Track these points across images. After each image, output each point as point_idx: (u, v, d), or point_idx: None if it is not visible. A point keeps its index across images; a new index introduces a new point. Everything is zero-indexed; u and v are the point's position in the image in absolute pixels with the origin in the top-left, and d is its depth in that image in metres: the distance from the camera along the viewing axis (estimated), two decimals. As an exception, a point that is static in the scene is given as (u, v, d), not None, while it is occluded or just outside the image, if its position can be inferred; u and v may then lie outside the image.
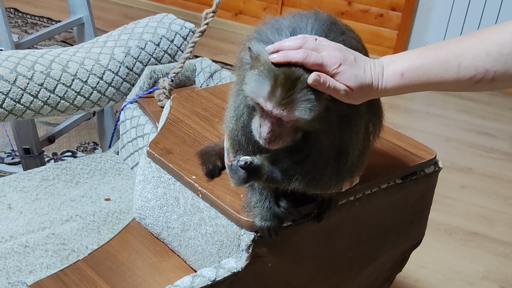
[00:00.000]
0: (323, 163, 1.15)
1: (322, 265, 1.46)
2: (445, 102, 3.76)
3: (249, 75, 1.06)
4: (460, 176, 3.04)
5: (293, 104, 1.02)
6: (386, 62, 1.10)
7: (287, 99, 1.02)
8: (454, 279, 2.37)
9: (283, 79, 1.02)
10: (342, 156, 1.16)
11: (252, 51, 1.06)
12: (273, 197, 1.25)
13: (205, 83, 2.00)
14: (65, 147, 2.86)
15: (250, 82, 1.06)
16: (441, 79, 1.05)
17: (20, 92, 1.80)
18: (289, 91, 1.02)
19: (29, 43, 2.27)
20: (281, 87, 1.02)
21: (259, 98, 1.04)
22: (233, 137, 1.25)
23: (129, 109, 1.95)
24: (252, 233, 1.25)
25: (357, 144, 1.17)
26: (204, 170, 1.41)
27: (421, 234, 1.68)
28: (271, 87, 1.02)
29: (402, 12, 3.95)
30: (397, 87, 1.08)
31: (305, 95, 1.02)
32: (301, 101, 1.02)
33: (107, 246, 1.50)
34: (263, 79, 1.03)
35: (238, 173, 1.15)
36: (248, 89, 1.06)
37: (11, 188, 1.77)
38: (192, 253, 1.41)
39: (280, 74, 1.02)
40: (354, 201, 1.41)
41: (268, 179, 1.17)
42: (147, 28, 2.06)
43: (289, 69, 1.02)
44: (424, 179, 1.54)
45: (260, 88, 1.03)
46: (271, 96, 1.02)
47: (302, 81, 1.02)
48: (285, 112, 1.03)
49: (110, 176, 1.89)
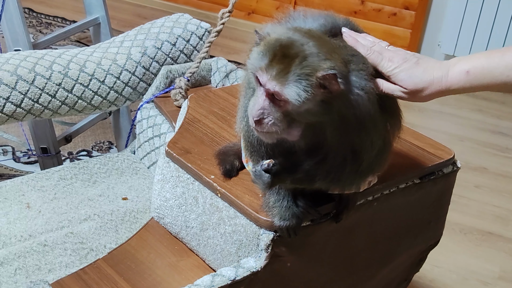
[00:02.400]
0: (340, 162, 1.16)
1: (340, 265, 1.46)
2: (459, 101, 3.75)
3: (253, 51, 1.10)
4: (474, 175, 3.03)
5: (285, 81, 1.04)
6: (453, 62, 1.14)
7: (281, 74, 1.04)
8: (469, 279, 2.36)
9: (281, 57, 1.05)
10: (357, 156, 1.16)
11: (260, 33, 1.11)
12: (291, 197, 1.26)
13: (221, 82, 2.01)
14: (80, 146, 2.87)
15: (252, 56, 1.10)
16: (507, 78, 1.07)
17: (39, 92, 1.81)
18: (285, 68, 1.04)
19: (46, 43, 2.28)
20: (278, 64, 1.05)
21: (257, 70, 1.08)
22: (245, 138, 1.27)
23: (146, 108, 1.96)
24: (271, 232, 1.26)
25: (371, 144, 1.17)
26: (221, 170, 1.42)
27: (439, 234, 1.67)
28: (269, 60, 1.06)
29: (416, 11, 3.94)
30: (462, 85, 1.11)
31: (298, 77, 1.04)
32: (294, 82, 1.04)
33: (126, 245, 1.51)
34: (264, 54, 1.07)
35: (263, 178, 1.16)
36: (249, 62, 1.10)
37: (29, 187, 1.78)
38: (211, 252, 1.42)
39: (280, 51, 1.06)
40: (372, 201, 1.41)
41: (293, 181, 1.18)
42: (163, 28, 2.06)
43: (290, 49, 1.06)
44: (442, 179, 1.54)
45: (260, 60, 1.07)
46: (268, 68, 1.06)
47: (298, 63, 1.05)
48: (277, 87, 1.05)
49: (127, 175, 1.90)
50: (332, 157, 1.15)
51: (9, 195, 1.74)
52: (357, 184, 1.23)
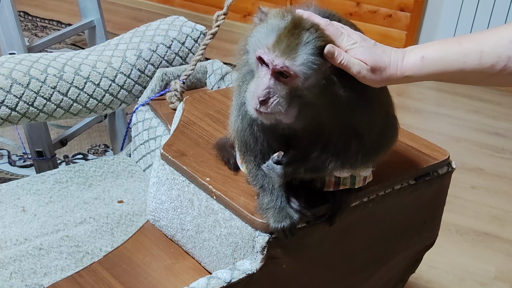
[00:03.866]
0: (345, 143, 1.16)
1: (336, 266, 1.46)
2: (455, 102, 3.76)
3: (255, 29, 1.08)
4: (470, 176, 3.04)
5: (296, 54, 1.03)
6: (409, 49, 1.12)
7: (292, 47, 1.03)
8: (466, 280, 2.37)
9: (291, 29, 1.03)
10: (359, 135, 1.16)
11: (262, 10, 1.08)
12: (285, 197, 1.26)
13: (217, 85, 2.01)
14: (76, 149, 2.87)
15: (255, 34, 1.07)
16: (463, 65, 1.05)
17: (33, 95, 1.81)
18: (295, 41, 1.03)
19: (42, 46, 2.28)
20: (287, 37, 1.03)
21: (263, 48, 1.05)
22: (240, 138, 1.26)
23: (141, 111, 1.96)
24: (267, 234, 1.25)
25: (370, 121, 1.16)
26: (229, 166, 1.42)
27: (435, 235, 1.68)
28: (277, 36, 1.03)
29: (411, 12, 3.95)
30: (417, 71, 1.09)
31: (308, 50, 1.03)
32: (304, 54, 1.03)
33: (122, 248, 1.51)
34: (270, 29, 1.05)
35: (276, 170, 1.16)
36: (251, 41, 1.08)
37: (24, 191, 1.78)
38: (207, 254, 1.42)
39: (290, 25, 1.04)
40: (368, 202, 1.41)
41: (306, 170, 1.18)
42: (159, 31, 2.06)
43: (300, 21, 1.04)
44: (437, 180, 1.54)
45: (265, 38, 1.05)
46: (275, 45, 1.03)
47: (309, 35, 1.04)
48: (287, 61, 1.03)
49: (123, 178, 1.89)
50: (336, 139, 1.16)
51: (4, 199, 1.74)
52: (368, 162, 1.23)
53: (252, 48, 1.09)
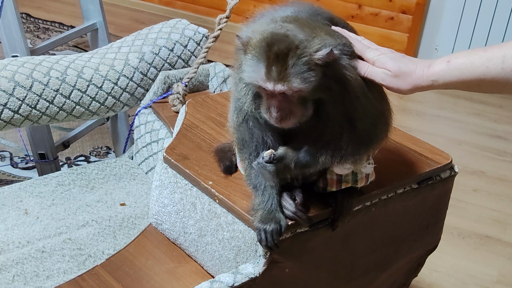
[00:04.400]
0: (338, 132, 1.18)
1: (339, 271, 1.46)
2: (456, 105, 3.75)
3: (244, 62, 1.13)
4: (472, 179, 3.03)
5: (290, 77, 1.08)
6: (435, 58, 1.17)
7: (283, 73, 1.08)
8: (468, 283, 2.36)
9: (275, 54, 1.08)
10: (353, 124, 1.18)
11: (242, 37, 1.13)
12: (277, 200, 1.25)
13: (219, 88, 2.01)
14: (78, 151, 2.87)
15: (246, 68, 1.12)
16: (486, 70, 1.09)
17: (36, 98, 1.81)
18: (283, 66, 1.08)
19: (44, 49, 2.28)
20: (275, 65, 1.08)
21: (258, 81, 1.11)
22: (237, 133, 1.28)
23: (144, 114, 1.96)
24: (270, 238, 1.25)
25: (364, 111, 1.19)
26: (221, 167, 1.42)
27: (437, 239, 1.67)
28: (266, 67, 1.09)
29: (413, 15, 3.94)
30: (443, 74, 1.13)
31: (298, 66, 1.08)
32: (297, 71, 1.08)
33: (124, 251, 1.51)
34: (257, 62, 1.10)
35: (267, 168, 1.17)
36: (246, 75, 1.13)
37: (27, 193, 1.78)
38: (209, 258, 1.42)
39: (271, 51, 1.09)
40: (370, 206, 1.41)
41: (297, 165, 1.19)
42: (161, 34, 2.07)
43: (278, 45, 1.08)
44: (440, 184, 1.54)
45: (256, 71, 1.10)
46: (268, 75, 1.09)
47: (293, 54, 1.08)
48: (286, 85, 1.09)
49: (125, 181, 1.89)
50: (330, 129, 1.18)
51: (7, 201, 1.74)
52: (359, 155, 1.23)
53: (249, 80, 1.13)
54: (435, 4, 3.95)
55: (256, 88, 1.14)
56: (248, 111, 1.22)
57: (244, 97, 1.21)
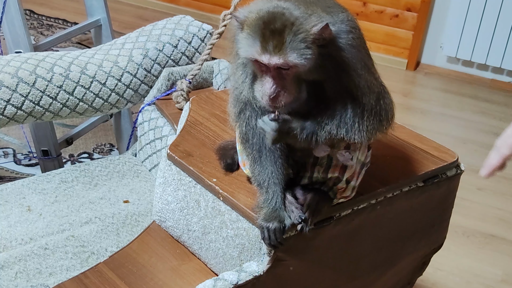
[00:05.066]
0: (342, 108, 1.17)
1: (343, 269, 1.45)
2: (461, 104, 3.74)
3: (240, 38, 1.13)
4: (477, 178, 2.98)
5: (286, 49, 1.08)
6: None
7: (280, 47, 1.08)
8: (472, 282, 2.35)
9: (271, 31, 1.09)
10: (356, 100, 1.17)
11: (238, 16, 1.13)
12: (282, 199, 1.24)
13: (223, 85, 2.00)
14: (81, 148, 2.86)
15: (242, 43, 1.13)
16: None
17: (40, 94, 1.80)
18: (280, 39, 1.08)
19: (48, 45, 2.28)
20: (271, 38, 1.09)
21: (254, 54, 1.11)
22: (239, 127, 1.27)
23: (147, 111, 1.95)
24: (274, 236, 1.24)
25: (368, 87, 1.18)
26: (222, 164, 1.41)
27: (443, 238, 1.66)
28: (262, 40, 1.09)
29: (418, 12, 3.92)
30: None
31: (295, 42, 1.09)
32: (294, 46, 1.09)
33: (127, 249, 1.50)
34: (253, 36, 1.10)
35: (270, 125, 1.15)
36: (242, 51, 1.13)
37: (30, 190, 1.77)
38: (213, 256, 1.41)
39: (267, 28, 1.09)
40: (376, 204, 1.40)
41: (302, 131, 1.17)
42: (165, 30, 2.06)
43: (275, 23, 1.09)
44: (446, 182, 1.53)
45: (252, 45, 1.11)
46: (264, 48, 1.09)
47: (289, 28, 1.08)
48: (282, 58, 1.09)
49: (128, 178, 1.89)
50: (333, 103, 1.17)
51: (10, 198, 1.73)
52: (365, 131, 1.19)
53: (244, 55, 1.13)
54: (440, 2, 3.93)
55: (252, 63, 1.14)
56: (246, 99, 1.22)
57: (242, 84, 1.21)
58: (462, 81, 3.98)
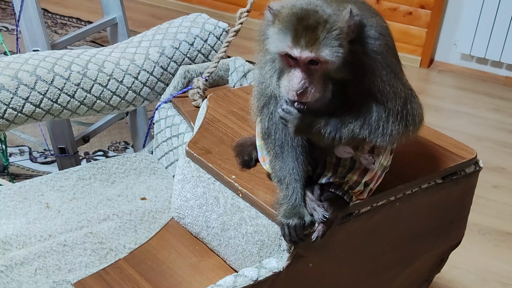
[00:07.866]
0: (366, 110, 1.17)
1: (362, 266, 1.45)
2: (476, 101, 3.72)
3: (270, 32, 1.13)
4: (492, 175, 3.00)
5: (319, 44, 1.09)
6: None
7: (313, 41, 1.09)
8: (488, 280, 2.34)
9: (304, 27, 1.09)
10: (381, 104, 1.17)
11: (273, 8, 1.13)
12: (302, 195, 1.24)
13: (239, 82, 2.00)
14: (96, 146, 2.88)
15: (273, 38, 1.12)
16: None
17: (58, 92, 1.81)
18: (313, 33, 1.09)
19: (65, 44, 2.29)
20: (304, 31, 1.09)
21: (285, 48, 1.11)
22: (261, 122, 1.28)
23: (164, 108, 1.95)
24: (294, 233, 1.24)
25: (394, 91, 1.17)
26: (239, 160, 1.42)
27: (461, 235, 1.66)
28: (294, 35, 1.09)
29: (432, 10, 3.91)
30: None
31: (328, 38, 1.09)
32: (326, 43, 1.09)
33: (147, 245, 1.51)
34: (285, 31, 1.10)
35: (292, 113, 1.16)
36: (272, 44, 1.13)
37: (48, 187, 1.78)
38: (232, 252, 1.41)
39: (300, 24, 1.09)
40: (395, 201, 1.39)
41: (326, 125, 1.16)
42: (181, 28, 2.06)
43: (308, 19, 1.09)
44: (465, 179, 1.52)
45: (284, 39, 1.10)
46: (296, 42, 1.09)
47: (323, 25, 1.09)
48: (314, 52, 1.09)
49: (145, 175, 1.89)
50: (358, 104, 1.17)
51: (29, 195, 1.74)
52: (389, 135, 1.18)
53: (275, 49, 1.13)
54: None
55: (281, 58, 1.14)
56: (271, 94, 1.22)
57: (269, 79, 1.21)
58: (476, 78, 3.96)
